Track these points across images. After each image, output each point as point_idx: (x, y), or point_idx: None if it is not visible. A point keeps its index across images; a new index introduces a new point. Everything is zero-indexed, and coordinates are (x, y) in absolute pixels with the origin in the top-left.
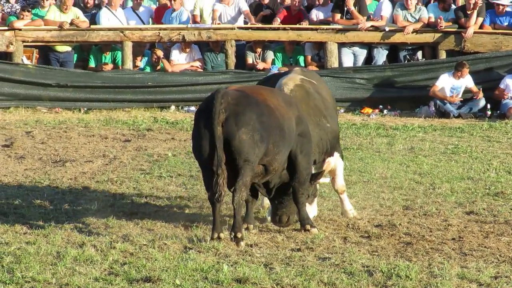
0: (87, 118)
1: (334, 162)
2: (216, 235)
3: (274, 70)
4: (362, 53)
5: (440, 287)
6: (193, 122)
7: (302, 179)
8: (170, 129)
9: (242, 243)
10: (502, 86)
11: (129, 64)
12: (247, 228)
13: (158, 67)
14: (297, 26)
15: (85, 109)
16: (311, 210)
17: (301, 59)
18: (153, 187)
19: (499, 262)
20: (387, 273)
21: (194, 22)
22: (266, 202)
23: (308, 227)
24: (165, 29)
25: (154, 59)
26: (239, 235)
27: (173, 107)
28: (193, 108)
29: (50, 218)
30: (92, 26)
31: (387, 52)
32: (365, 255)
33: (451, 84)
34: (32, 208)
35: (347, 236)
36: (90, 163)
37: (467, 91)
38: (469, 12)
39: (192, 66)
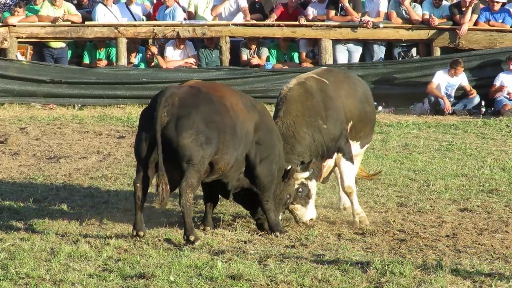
0: (81, 115)
1: (333, 164)
2: (135, 232)
3: (269, 67)
4: (357, 50)
5: (434, 284)
6: None
7: (263, 186)
8: None
9: (197, 243)
10: (497, 83)
11: (123, 61)
12: (204, 230)
13: (153, 64)
14: (292, 22)
15: (79, 105)
16: (308, 212)
17: (295, 55)
18: None
19: (493, 259)
20: (381, 270)
21: (189, 18)
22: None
23: (277, 234)
24: (159, 25)
25: (148, 55)
26: (191, 238)
27: None
28: None
29: (44, 214)
30: (87, 23)
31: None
32: (359, 252)
33: (446, 82)
34: (26, 204)
35: (341, 233)
36: (84, 159)
37: (460, 88)
38: (463, 9)
39: (186, 62)
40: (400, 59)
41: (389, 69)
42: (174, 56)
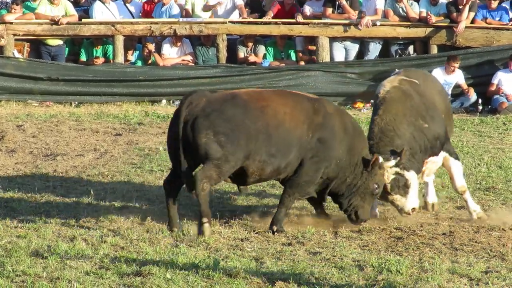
0: (78, 112)
1: (440, 162)
2: (169, 229)
3: (265, 65)
4: (354, 48)
5: (430, 281)
6: None
7: (296, 182)
8: (161, 123)
9: (206, 226)
10: (494, 81)
11: (120, 58)
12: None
13: (150, 61)
14: (289, 20)
15: (76, 103)
16: (409, 202)
17: (292, 53)
18: (144, 181)
19: (490, 257)
20: (377, 268)
21: (186, 16)
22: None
23: (274, 228)
24: (156, 23)
25: (145, 53)
26: (204, 220)
27: (164, 101)
28: None
29: (41, 212)
30: (84, 20)
31: (381, 46)
32: (356, 249)
33: (443, 80)
34: (23, 202)
35: (338, 230)
36: (81, 157)
37: (457, 86)
38: (460, 7)
39: (183, 60)
40: (397, 56)
41: (386, 66)
42: (171, 54)
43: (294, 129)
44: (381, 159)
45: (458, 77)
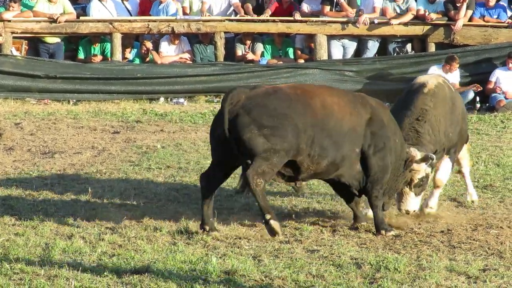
0: (76, 110)
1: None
2: (201, 228)
3: (263, 63)
4: (352, 46)
5: (428, 279)
6: (182, 114)
7: (375, 178)
8: (159, 121)
9: (272, 223)
10: (492, 79)
11: (118, 56)
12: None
13: (147, 59)
14: (287, 18)
15: (74, 100)
16: (414, 203)
17: (290, 51)
18: (142, 179)
19: (488, 254)
20: (375, 266)
21: (184, 14)
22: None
23: (383, 232)
24: (154, 21)
25: (143, 51)
26: (267, 216)
27: (162, 99)
28: (182, 100)
29: (39, 209)
30: (82, 18)
31: (378, 44)
32: (353, 247)
33: None
34: (21, 199)
35: (336, 228)
36: (79, 154)
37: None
38: (458, 5)
39: (181, 58)
40: (395, 54)
41: (384, 64)
42: (168, 52)
43: (344, 120)
44: (418, 155)
45: (454, 76)
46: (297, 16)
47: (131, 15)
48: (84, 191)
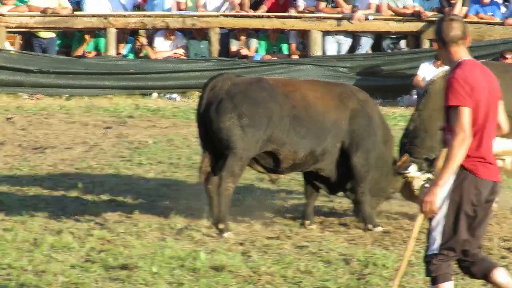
0: (69, 105)
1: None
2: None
3: (258, 58)
4: (347, 42)
5: (416, 276)
6: (174, 109)
7: (359, 175)
8: (152, 116)
9: (225, 235)
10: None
11: (112, 51)
12: (302, 224)
13: (141, 54)
14: (281, 14)
15: (67, 95)
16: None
17: (285, 47)
18: (133, 175)
19: None
20: (364, 262)
21: (179, 9)
22: None
23: (370, 226)
24: (149, 16)
25: (137, 46)
26: (220, 226)
27: (155, 94)
28: (175, 96)
29: (28, 205)
30: (76, 13)
31: (372, 41)
32: (342, 243)
33: (432, 74)
34: (11, 194)
35: (325, 224)
36: (70, 150)
37: None
38: (453, 2)
39: (175, 53)
40: (389, 51)
41: (378, 61)
42: (163, 47)
43: (327, 114)
44: (412, 166)
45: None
46: (292, 12)
47: (126, 10)
48: (74, 186)
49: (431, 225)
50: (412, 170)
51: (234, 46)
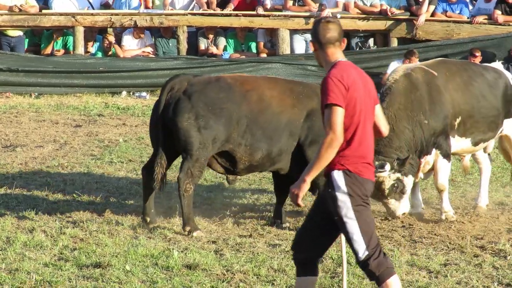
0: (38, 103)
1: (432, 160)
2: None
3: (226, 57)
4: None
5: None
6: (144, 108)
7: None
8: (121, 115)
9: (195, 234)
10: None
11: (80, 49)
12: (274, 223)
13: (110, 53)
14: (249, 12)
15: (36, 94)
16: (401, 207)
17: (253, 45)
18: (104, 173)
19: (449, 249)
20: (337, 260)
21: (146, 7)
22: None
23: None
24: (117, 14)
25: (105, 44)
26: (187, 228)
27: (124, 92)
28: (144, 94)
29: (0, 203)
30: (44, 11)
31: None
32: None
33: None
34: None
35: (297, 223)
36: (41, 148)
37: None
38: (421, 0)
39: (143, 52)
40: (358, 49)
41: (347, 59)
42: (131, 45)
43: (282, 114)
44: (387, 165)
45: None
46: (260, 11)
47: (93, 9)
48: (45, 184)
49: (348, 236)
50: (388, 169)
51: (202, 44)
